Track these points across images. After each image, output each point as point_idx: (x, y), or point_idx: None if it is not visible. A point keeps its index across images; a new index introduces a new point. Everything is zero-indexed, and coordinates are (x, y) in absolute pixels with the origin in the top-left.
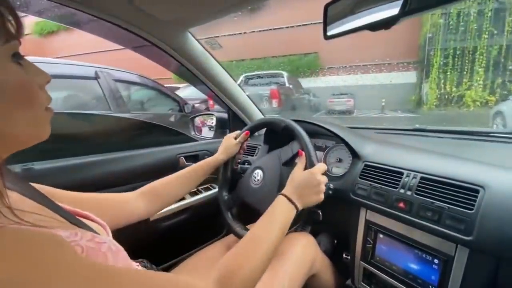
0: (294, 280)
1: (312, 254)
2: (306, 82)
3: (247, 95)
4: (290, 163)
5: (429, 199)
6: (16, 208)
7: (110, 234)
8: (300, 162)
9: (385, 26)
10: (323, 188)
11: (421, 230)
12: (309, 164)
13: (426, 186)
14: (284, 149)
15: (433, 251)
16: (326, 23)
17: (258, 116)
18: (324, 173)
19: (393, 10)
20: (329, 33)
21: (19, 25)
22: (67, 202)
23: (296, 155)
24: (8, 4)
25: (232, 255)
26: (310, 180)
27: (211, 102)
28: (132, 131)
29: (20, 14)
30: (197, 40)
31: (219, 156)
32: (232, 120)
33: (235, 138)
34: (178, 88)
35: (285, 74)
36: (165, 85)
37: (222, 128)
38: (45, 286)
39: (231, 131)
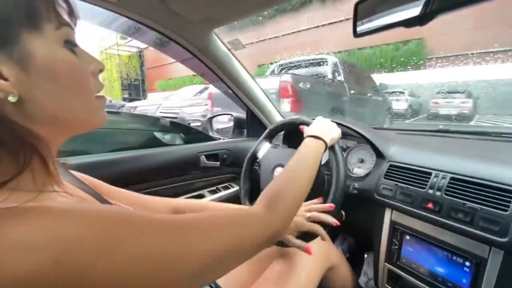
0: (312, 272)
1: (325, 246)
2: (402, 77)
3: (268, 97)
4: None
5: (460, 200)
6: (73, 194)
7: None
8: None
9: (420, 23)
10: (335, 124)
11: (452, 231)
12: None
13: (457, 186)
14: None
15: (464, 253)
16: (356, 21)
17: (277, 117)
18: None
19: (424, 7)
20: (359, 31)
21: (71, 12)
22: (112, 198)
23: None
24: None
25: (275, 183)
26: (321, 123)
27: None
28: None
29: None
30: (221, 40)
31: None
32: (250, 121)
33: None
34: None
35: (331, 60)
36: None
37: (239, 128)
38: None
39: (248, 131)
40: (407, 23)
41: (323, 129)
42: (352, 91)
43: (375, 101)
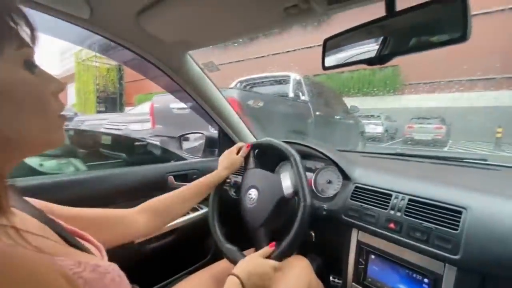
0: None
1: (307, 276)
2: (379, 102)
3: (240, 117)
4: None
5: (417, 220)
6: (22, 229)
7: (106, 257)
8: (266, 250)
9: (380, 62)
10: (270, 284)
11: (411, 249)
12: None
13: (414, 207)
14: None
15: (423, 271)
16: (324, 55)
17: (249, 138)
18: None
19: (379, 50)
20: (327, 65)
21: (33, 34)
22: (64, 218)
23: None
24: (22, 13)
25: None
26: (265, 273)
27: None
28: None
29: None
30: (195, 62)
31: (222, 172)
32: (222, 140)
33: (237, 153)
34: None
35: (293, 78)
36: None
37: (211, 147)
38: None
39: (220, 151)
40: (369, 61)
41: (256, 279)
42: (317, 112)
43: (345, 124)
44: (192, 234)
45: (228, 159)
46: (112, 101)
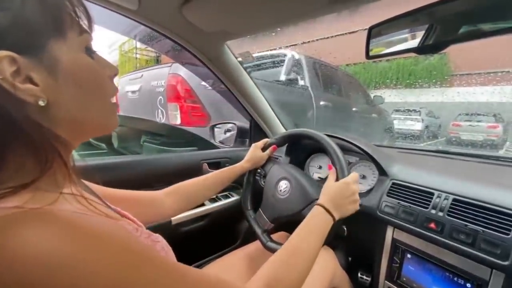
0: None
1: (332, 267)
2: (421, 95)
3: (272, 109)
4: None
5: (462, 221)
6: (90, 199)
7: None
8: (331, 174)
9: (432, 51)
10: (358, 197)
11: (454, 252)
12: (341, 176)
13: (459, 208)
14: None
15: (465, 275)
16: (369, 44)
17: (280, 129)
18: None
19: (434, 36)
20: (371, 54)
21: (90, 21)
22: (108, 199)
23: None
24: (83, 5)
25: (275, 265)
26: (344, 190)
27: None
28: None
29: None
30: (232, 52)
31: (245, 164)
32: (253, 130)
33: (263, 149)
34: None
35: (289, 58)
36: None
37: (242, 137)
38: (116, 273)
39: (251, 141)
40: (419, 50)
41: (340, 200)
42: (323, 102)
43: (364, 118)
44: (224, 220)
45: (254, 153)
46: None
